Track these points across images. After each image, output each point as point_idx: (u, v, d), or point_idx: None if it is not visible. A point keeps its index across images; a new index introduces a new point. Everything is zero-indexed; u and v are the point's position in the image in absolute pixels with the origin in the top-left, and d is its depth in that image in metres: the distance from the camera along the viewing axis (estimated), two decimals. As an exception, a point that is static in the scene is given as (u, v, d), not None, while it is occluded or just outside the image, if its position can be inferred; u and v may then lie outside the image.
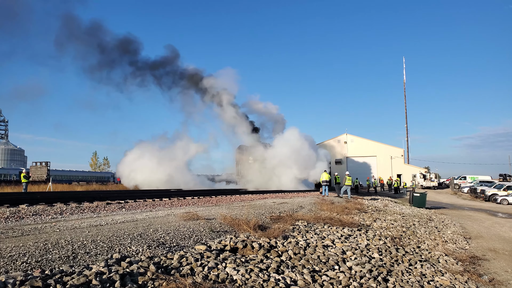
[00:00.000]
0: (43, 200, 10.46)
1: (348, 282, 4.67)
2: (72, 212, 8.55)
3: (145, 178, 28.98)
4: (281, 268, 4.82)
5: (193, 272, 4.14)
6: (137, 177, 29.42)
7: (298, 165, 30.46)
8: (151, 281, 3.60)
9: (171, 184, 28.41)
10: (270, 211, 10.06)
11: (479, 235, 10.81)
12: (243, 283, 4.01)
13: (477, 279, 5.83)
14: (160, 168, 29.25)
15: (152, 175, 28.92)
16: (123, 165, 31.31)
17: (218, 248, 5.44)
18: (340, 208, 12.99)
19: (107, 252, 4.54)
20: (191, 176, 32.19)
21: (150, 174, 29.00)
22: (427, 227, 11.34)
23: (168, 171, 29.41)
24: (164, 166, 29.50)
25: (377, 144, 53.86)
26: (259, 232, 6.60)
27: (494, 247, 9.04)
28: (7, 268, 3.60)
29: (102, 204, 10.26)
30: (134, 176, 29.60)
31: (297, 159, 30.44)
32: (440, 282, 5.30)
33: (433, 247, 8.08)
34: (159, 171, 29.13)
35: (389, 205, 17.89)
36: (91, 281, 3.39)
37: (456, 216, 16.04)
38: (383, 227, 10.00)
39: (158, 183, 28.37)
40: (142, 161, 29.97)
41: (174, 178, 29.55)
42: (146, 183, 28.50)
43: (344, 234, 7.92)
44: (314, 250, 6.13)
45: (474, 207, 21.68)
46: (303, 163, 30.73)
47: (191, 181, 30.54)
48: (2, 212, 7.72)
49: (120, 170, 31.69)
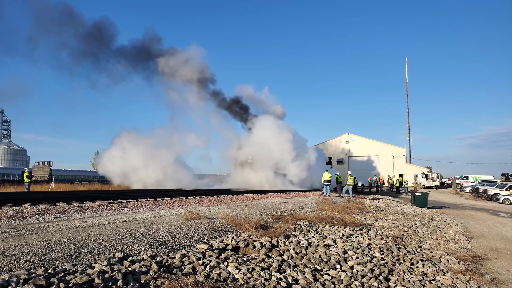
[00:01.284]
0: (46, 199, 10.51)
1: (350, 281, 4.67)
2: (74, 212, 8.59)
3: (134, 174, 26.61)
4: (283, 267, 4.83)
5: (195, 271, 4.15)
6: (123, 172, 26.79)
7: (270, 158, 28.20)
8: (153, 280, 3.61)
9: (160, 183, 26.40)
10: (271, 211, 10.07)
11: (481, 235, 10.79)
12: (245, 282, 4.03)
13: (478, 279, 5.82)
14: (150, 164, 26.71)
15: (141, 172, 26.48)
16: (106, 159, 28.39)
17: (220, 247, 5.46)
18: (341, 207, 12.99)
19: (110, 251, 4.57)
20: (185, 174, 28.97)
21: (138, 170, 26.51)
22: (428, 226, 11.31)
23: (159, 167, 26.69)
24: (154, 161, 26.86)
25: (379, 143, 53.79)
26: (261, 232, 6.61)
27: (496, 246, 9.02)
28: (10, 267, 3.63)
29: (104, 204, 10.29)
30: (117, 171, 27.13)
31: (270, 151, 28.09)
32: (441, 282, 5.30)
33: (435, 247, 8.07)
34: (149, 167, 26.56)
35: (390, 205, 17.86)
36: (93, 279, 3.41)
37: (458, 216, 16.00)
38: (384, 226, 9.99)
39: (148, 180, 26.29)
40: (128, 155, 27.08)
41: (167, 175, 26.97)
42: (135, 180, 26.47)
43: (345, 234, 7.92)
44: (315, 249, 6.14)
45: (476, 207, 21.62)
46: (277, 157, 28.46)
47: (185, 179, 27.65)
48: (5, 212, 7.76)
49: (104, 165, 28.55)
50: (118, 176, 28.10)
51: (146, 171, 27.12)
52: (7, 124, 74.79)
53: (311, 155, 32.40)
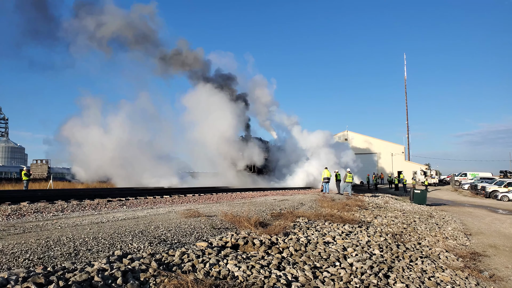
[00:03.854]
0: (44, 197, 10.48)
1: (349, 278, 4.68)
2: (73, 210, 8.56)
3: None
4: (282, 265, 4.83)
5: (194, 269, 4.15)
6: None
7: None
8: (153, 277, 3.61)
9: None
10: (270, 208, 10.08)
11: (479, 232, 10.83)
12: (245, 280, 4.02)
13: (477, 275, 5.84)
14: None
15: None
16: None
17: (219, 244, 5.46)
18: (340, 205, 13.00)
19: (109, 249, 4.55)
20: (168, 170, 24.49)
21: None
22: (427, 223, 11.35)
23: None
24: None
25: (378, 141, 53.91)
26: (260, 229, 6.61)
27: (494, 243, 9.05)
28: (9, 265, 3.61)
29: (103, 202, 10.27)
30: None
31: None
32: (440, 278, 5.32)
33: (434, 244, 8.09)
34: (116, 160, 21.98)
35: (389, 202, 17.91)
36: (93, 277, 3.40)
37: (456, 213, 16.05)
38: (383, 223, 10.01)
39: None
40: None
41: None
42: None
43: (345, 231, 7.93)
44: (315, 246, 6.14)
45: (474, 204, 21.69)
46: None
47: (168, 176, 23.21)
48: (4, 210, 7.73)
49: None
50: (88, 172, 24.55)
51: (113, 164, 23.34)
52: (4, 122, 74.38)
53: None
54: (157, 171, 23.81)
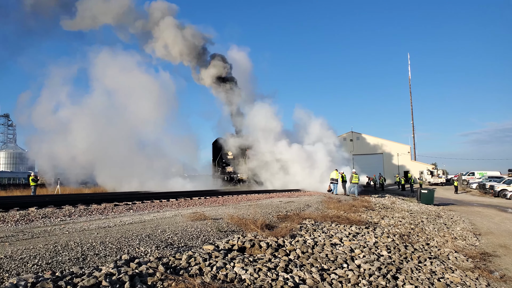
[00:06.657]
0: (52, 202, 10.56)
1: (357, 280, 4.64)
2: (80, 214, 8.62)
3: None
4: (290, 267, 4.81)
5: (201, 272, 4.14)
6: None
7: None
8: (160, 281, 3.61)
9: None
10: (277, 210, 10.05)
11: (489, 231, 10.68)
12: (252, 283, 4.01)
13: (488, 276, 5.76)
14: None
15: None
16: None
17: (226, 247, 5.45)
18: (347, 206, 12.92)
19: (116, 253, 4.57)
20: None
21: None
22: (435, 223, 11.22)
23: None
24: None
25: (383, 141, 53.59)
26: (267, 232, 6.59)
27: (504, 243, 8.92)
28: (18, 271, 3.64)
29: (110, 206, 10.32)
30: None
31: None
32: (450, 279, 5.25)
33: (442, 244, 7.99)
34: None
35: (396, 202, 17.76)
36: (101, 282, 3.41)
37: (465, 213, 15.86)
38: (391, 224, 9.92)
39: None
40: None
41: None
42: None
43: (352, 232, 7.87)
44: (322, 248, 6.10)
45: (483, 203, 21.42)
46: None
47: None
48: (12, 215, 7.81)
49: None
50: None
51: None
52: (12, 128, 75.37)
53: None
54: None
